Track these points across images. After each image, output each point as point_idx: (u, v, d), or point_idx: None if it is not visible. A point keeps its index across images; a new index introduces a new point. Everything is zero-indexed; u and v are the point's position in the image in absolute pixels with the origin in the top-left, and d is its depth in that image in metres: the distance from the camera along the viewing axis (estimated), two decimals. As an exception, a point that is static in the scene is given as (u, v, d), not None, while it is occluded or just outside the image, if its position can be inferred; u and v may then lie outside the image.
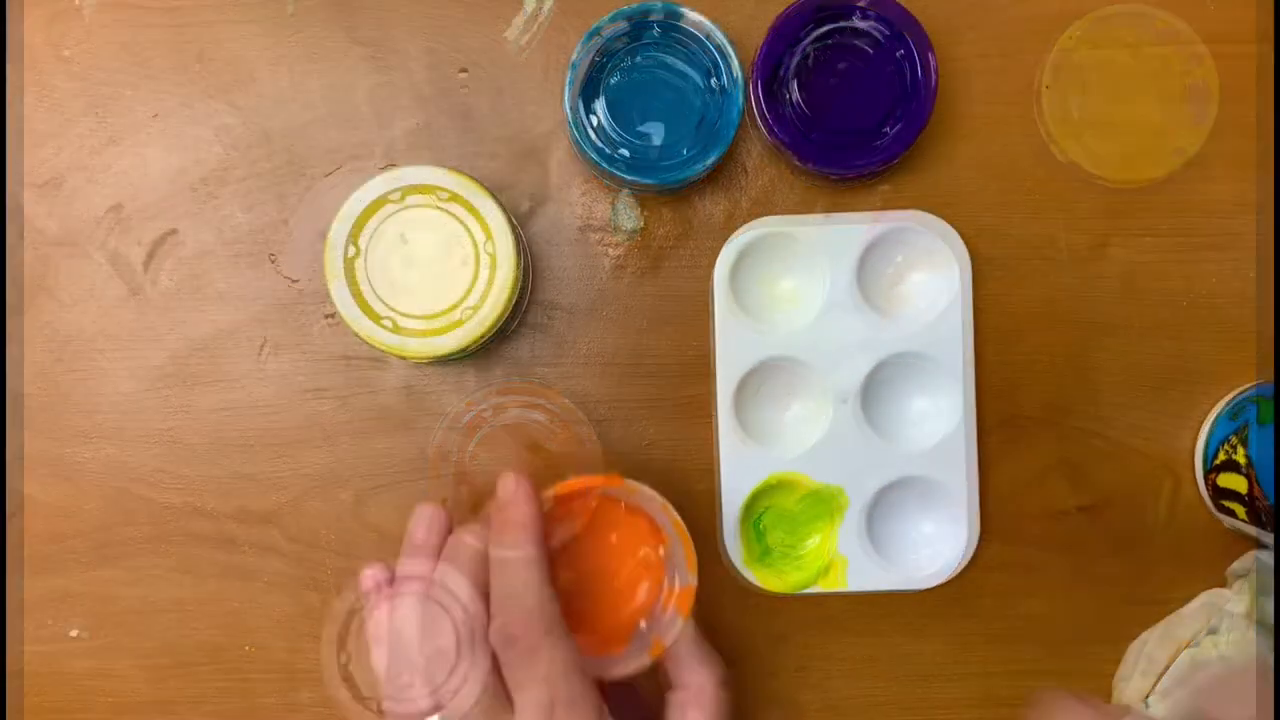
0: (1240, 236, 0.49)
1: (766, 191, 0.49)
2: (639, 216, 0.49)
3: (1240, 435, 0.46)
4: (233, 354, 0.49)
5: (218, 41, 0.49)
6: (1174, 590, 0.49)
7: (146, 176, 0.49)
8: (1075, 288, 0.49)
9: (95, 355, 0.49)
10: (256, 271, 0.49)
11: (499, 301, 0.43)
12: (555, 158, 0.49)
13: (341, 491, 0.49)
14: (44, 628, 0.49)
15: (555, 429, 0.45)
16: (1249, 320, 0.49)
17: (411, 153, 0.49)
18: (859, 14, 0.46)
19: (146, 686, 0.49)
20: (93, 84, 0.49)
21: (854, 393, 0.47)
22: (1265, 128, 0.49)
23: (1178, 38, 0.49)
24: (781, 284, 0.49)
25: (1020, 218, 0.49)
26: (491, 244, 0.43)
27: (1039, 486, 0.49)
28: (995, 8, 0.49)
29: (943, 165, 0.49)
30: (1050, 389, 0.49)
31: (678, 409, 0.49)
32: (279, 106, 0.49)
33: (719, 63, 0.46)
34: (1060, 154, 0.48)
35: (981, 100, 0.49)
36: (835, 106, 0.46)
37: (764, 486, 0.48)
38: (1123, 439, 0.49)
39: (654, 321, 0.49)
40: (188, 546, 0.49)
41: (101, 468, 0.49)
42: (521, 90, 0.49)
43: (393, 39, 0.48)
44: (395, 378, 0.49)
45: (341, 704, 0.38)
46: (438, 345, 0.43)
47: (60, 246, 0.49)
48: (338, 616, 0.40)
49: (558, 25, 0.48)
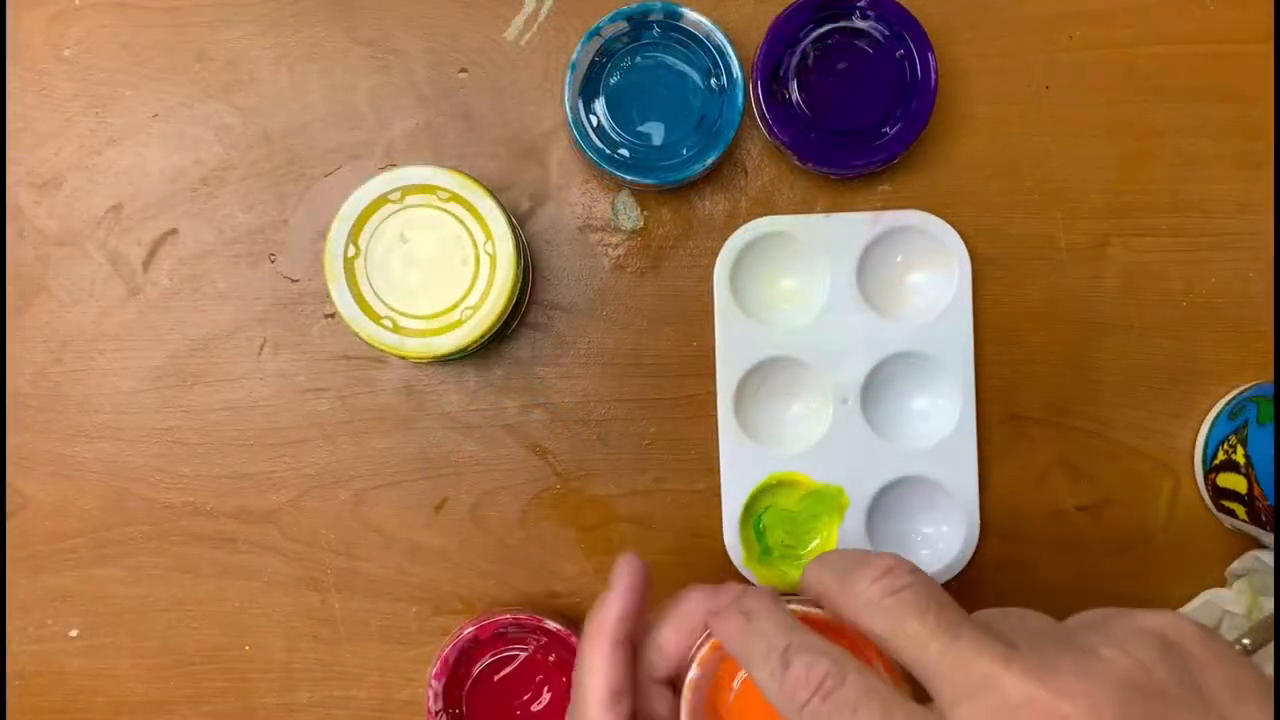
0: (1240, 236, 0.49)
1: (766, 191, 0.49)
2: (639, 216, 0.49)
3: (1240, 435, 0.46)
4: (232, 353, 0.49)
5: (218, 41, 0.49)
6: (1174, 590, 0.49)
7: (146, 176, 0.49)
8: (1075, 288, 0.49)
9: (95, 355, 0.49)
10: (256, 271, 0.49)
11: (499, 301, 0.43)
12: (555, 157, 0.49)
13: (341, 491, 0.49)
14: (43, 627, 0.49)
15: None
16: (1249, 320, 0.49)
17: (411, 153, 0.49)
18: (859, 13, 0.46)
19: (145, 686, 0.49)
20: (93, 84, 0.49)
21: (854, 392, 0.47)
22: (1266, 127, 0.49)
23: (1178, 38, 0.49)
24: (782, 283, 0.49)
25: (1020, 218, 0.49)
26: (491, 244, 0.43)
27: (1039, 486, 0.49)
28: (995, 8, 0.49)
29: (943, 165, 0.49)
30: (1050, 389, 0.49)
31: (678, 408, 0.49)
32: (279, 106, 0.49)
33: (719, 62, 0.46)
34: (1060, 154, 0.48)
35: (981, 100, 0.49)
36: (835, 106, 0.46)
37: (764, 486, 0.48)
38: (1123, 439, 0.49)
39: (654, 321, 0.49)
40: (187, 546, 0.49)
41: (101, 467, 0.49)
42: (521, 90, 0.49)
43: (393, 39, 0.49)
44: (395, 377, 0.49)
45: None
46: (437, 345, 0.43)
47: (60, 246, 0.49)
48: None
49: (558, 25, 0.48)
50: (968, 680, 0.27)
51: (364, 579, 0.49)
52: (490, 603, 0.49)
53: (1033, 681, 0.26)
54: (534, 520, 0.49)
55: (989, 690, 0.26)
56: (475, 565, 0.49)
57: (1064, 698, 0.26)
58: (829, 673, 0.28)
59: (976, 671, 0.27)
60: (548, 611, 0.47)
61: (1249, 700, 0.27)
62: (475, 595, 0.49)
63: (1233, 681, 0.27)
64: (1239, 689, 0.27)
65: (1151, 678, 0.26)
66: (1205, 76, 0.49)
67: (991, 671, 0.27)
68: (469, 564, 0.49)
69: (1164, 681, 0.26)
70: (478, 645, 0.46)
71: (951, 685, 0.27)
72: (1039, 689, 0.26)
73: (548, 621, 0.46)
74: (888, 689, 0.28)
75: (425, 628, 0.49)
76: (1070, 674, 0.26)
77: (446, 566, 0.49)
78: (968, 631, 0.28)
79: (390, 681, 0.49)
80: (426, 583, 0.49)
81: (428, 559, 0.49)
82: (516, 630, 0.46)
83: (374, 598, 0.49)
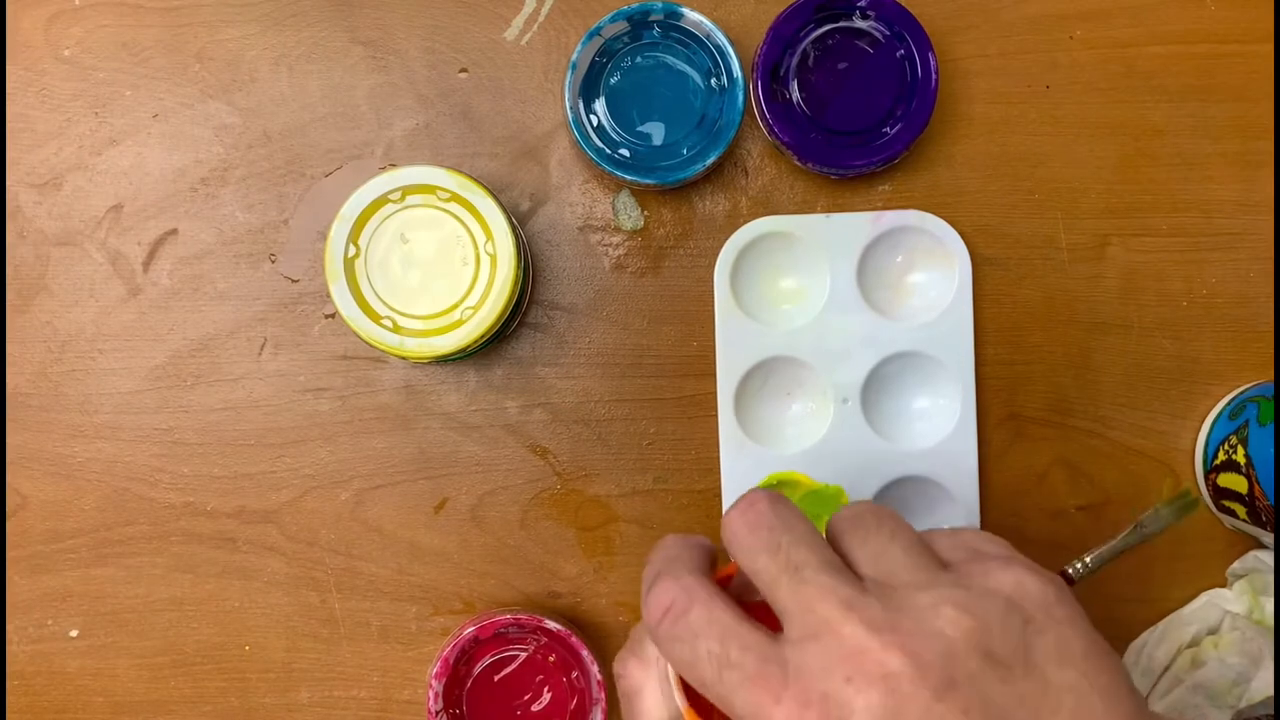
0: (1240, 236, 0.49)
1: (767, 190, 0.49)
2: (639, 216, 0.49)
3: (1240, 435, 0.46)
4: (232, 353, 0.49)
5: (218, 41, 0.49)
6: (1174, 590, 0.49)
7: (146, 176, 0.49)
8: (1075, 288, 0.49)
9: (95, 355, 0.49)
10: (256, 271, 0.49)
11: (499, 301, 0.43)
12: (555, 157, 0.49)
13: (341, 491, 0.49)
14: (43, 627, 0.49)
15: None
16: (1249, 320, 0.49)
17: (411, 153, 0.49)
18: (859, 13, 0.46)
19: (145, 686, 0.49)
20: (93, 84, 0.49)
21: (854, 392, 0.47)
22: (1266, 127, 0.49)
23: (1178, 37, 0.49)
24: (782, 283, 0.49)
25: (1020, 218, 0.49)
26: (491, 244, 0.43)
27: (1039, 486, 0.49)
28: (995, 8, 0.49)
29: (943, 165, 0.49)
30: (1050, 389, 0.49)
31: (678, 408, 0.49)
32: (279, 106, 0.49)
33: (719, 62, 0.46)
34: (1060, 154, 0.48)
35: (981, 100, 0.49)
36: (835, 106, 0.46)
37: (764, 486, 0.48)
38: (1123, 439, 0.49)
39: (654, 321, 0.49)
40: (186, 546, 0.49)
41: (101, 467, 0.49)
42: (521, 90, 0.49)
43: (393, 39, 0.49)
44: (395, 377, 0.49)
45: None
46: (437, 345, 0.43)
47: (60, 246, 0.49)
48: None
49: (558, 25, 0.48)
50: (810, 622, 0.28)
51: (364, 579, 0.49)
52: (490, 603, 0.49)
53: (869, 633, 0.27)
54: (534, 520, 0.49)
55: (828, 635, 0.27)
56: (475, 565, 0.49)
57: (893, 652, 0.27)
58: (676, 600, 0.30)
59: (819, 614, 0.28)
60: (548, 611, 0.47)
61: (1070, 665, 0.27)
62: (475, 595, 0.49)
63: (1062, 645, 0.28)
64: (1065, 653, 0.28)
65: (987, 640, 0.27)
66: (1205, 76, 0.49)
67: (832, 617, 0.28)
68: (469, 564, 0.49)
69: (998, 644, 0.27)
70: (478, 645, 0.46)
71: (797, 624, 0.28)
72: (872, 640, 0.27)
73: (548, 621, 0.46)
74: (731, 620, 0.29)
75: (425, 628, 0.49)
76: (906, 631, 0.27)
77: (446, 566, 0.49)
78: (812, 573, 0.29)
79: (390, 681, 0.49)
80: (426, 583, 0.49)
81: (428, 559, 0.49)
82: (516, 630, 0.46)
83: (374, 598, 0.49)
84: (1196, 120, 0.49)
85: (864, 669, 0.27)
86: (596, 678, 0.45)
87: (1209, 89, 0.49)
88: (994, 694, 0.27)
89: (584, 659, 0.46)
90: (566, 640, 0.46)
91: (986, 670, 0.27)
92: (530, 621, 0.45)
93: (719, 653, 0.28)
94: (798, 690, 0.27)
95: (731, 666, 0.28)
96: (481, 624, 0.45)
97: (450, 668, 0.45)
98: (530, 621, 0.45)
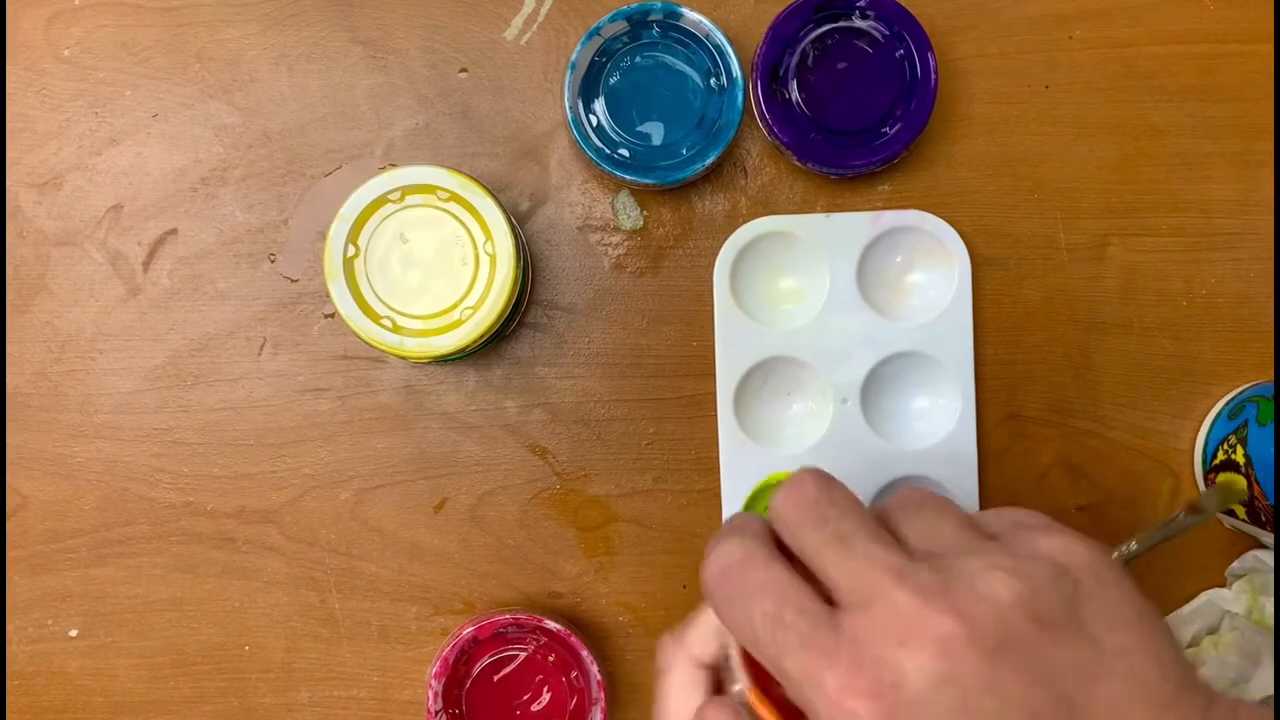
0: (1240, 236, 0.49)
1: (766, 190, 0.49)
2: (639, 216, 0.49)
3: (1240, 435, 0.46)
4: (232, 353, 0.49)
5: (218, 41, 0.49)
6: (1174, 590, 0.49)
7: (146, 176, 0.49)
8: (1075, 288, 0.49)
9: (95, 354, 0.49)
10: (256, 271, 0.49)
11: (498, 301, 0.43)
12: (555, 157, 0.49)
13: (341, 491, 0.49)
14: (42, 627, 0.49)
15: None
16: (1248, 320, 0.49)
17: (411, 153, 0.49)
18: (859, 13, 0.46)
19: (144, 686, 0.49)
20: (93, 84, 0.49)
21: (854, 392, 0.47)
22: (1266, 127, 0.49)
23: (1177, 37, 0.49)
24: (781, 283, 0.49)
25: (1020, 218, 0.49)
26: (491, 244, 0.43)
27: (1039, 486, 0.49)
28: (995, 8, 0.49)
29: (943, 165, 0.49)
30: (1050, 389, 0.49)
31: (678, 408, 0.49)
32: (279, 106, 0.49)
33: (719, 62, 0.46)
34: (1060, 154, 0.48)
35: (981, 100, 0.49)
36: (835, 106, 0.46)
37: (764, 486, 0.48)
38: (1123, 439, 0.49)
39: (654, 320, 0.49)
40: (186, 545, 0.49)
41: (100, 467, 0.49)
42: (521, 90, 0.49)
43: (393, 39, 0.49)
44: (395, 377, 0.49)
45: None
46: (437, 345, 0.43)
47: (60, 246, 0.49)
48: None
49: (558, 25, 0.48)
50: (861, 589, 0.28)
51: (364, 579, 0.49)
52: (490, 603, 0.49)
53: (920, 598, 0.27)
54: (534, 520, 0.49)
55: (879, 601, 0.28)
56: (475, 565, 0.49)
57: (946, 615, 0.27)
58: (734, 560, 0.30)
59: (869, 583, 0.28)
60: (548, 611, 0.47)
61: (1122, 629, 0.28)
62: (475, 595, 0.49)
63: (1112, 609, 0.28)
64: (1116, 618, 0.28)
65: (1037, 603, 0.27)
66: (1205, 76, 0.49)
67: (883, 584, 0.28)
68: (469, 564, 0.49)
69: (1047, 607, 0.27)
70: (478, 645, 0.46)
71: (847, 594, 0.28)
72: (924, 605, 0.27)
73: (548, 621, 0.46)
74: (788, 582, 0.29)
75: (425, 628, 0.49)
76: (957, 595, 0.27)
77: (446, 566, 0.49)
78: (861, 543, 0.29)
79: (390, 681, 0.49)
80: (426, 583, 0.49)
81: (428, 559, 0.49)
82: (516, 630, 0.46)
83: (374, 598, 0.49)
84: (1196, 120, 0.49)
85: (917, 633, 0.27)
86: (596, 678, 0.45)
87: (1208, 89, 0.49)
88: (1046, 656, 0.27)
89: (583, 659, 0.46)
90: (566, 640, 0.46)
91: (1038, 633, 0.27)
92: (530, 621, 0.46)
93: (774, 613, 0.28)
94: (850, 655, 0.27)
95: (785, 628, 0.28)
96: (481, 624, 0.45)
97: (450, 668, 0.45)
98: (530, 621, 0.46)
